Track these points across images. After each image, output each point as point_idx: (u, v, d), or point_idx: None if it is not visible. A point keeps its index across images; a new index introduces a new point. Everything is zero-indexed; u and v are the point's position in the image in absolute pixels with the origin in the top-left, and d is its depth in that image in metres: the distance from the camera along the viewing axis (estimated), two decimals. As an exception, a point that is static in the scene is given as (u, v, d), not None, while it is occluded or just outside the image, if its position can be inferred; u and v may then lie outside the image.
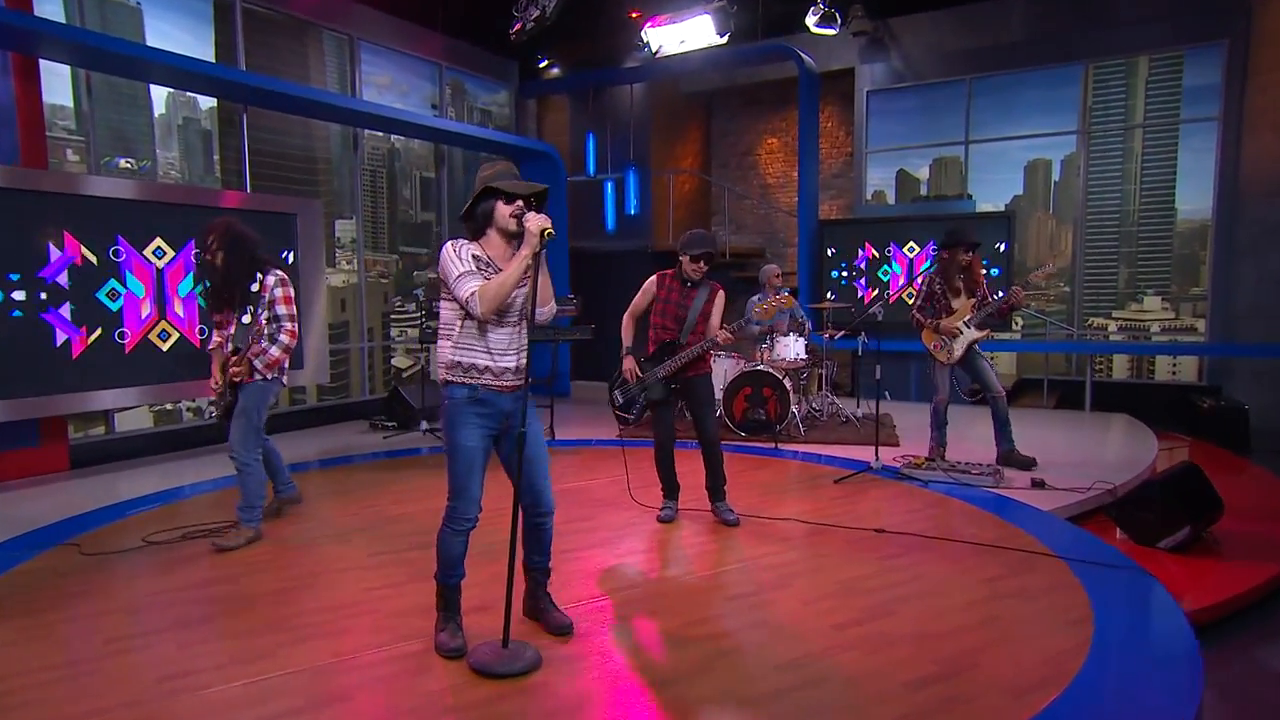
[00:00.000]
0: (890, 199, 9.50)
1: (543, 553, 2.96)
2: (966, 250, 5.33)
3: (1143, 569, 3.51)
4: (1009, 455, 5.37)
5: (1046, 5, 8.48)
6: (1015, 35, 8.65)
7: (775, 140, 11.13)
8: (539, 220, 2.62)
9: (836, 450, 6.06)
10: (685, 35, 8.29)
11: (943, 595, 3.26)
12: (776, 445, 6.17)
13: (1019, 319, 8.79)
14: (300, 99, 6.92)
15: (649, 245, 10.07)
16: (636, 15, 8.56)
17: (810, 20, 8.12)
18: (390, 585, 3.40)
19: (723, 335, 4.11)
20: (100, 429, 6.13)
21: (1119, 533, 4.16)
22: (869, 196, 9.59)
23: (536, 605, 2.99)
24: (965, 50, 8.89)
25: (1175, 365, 8.29)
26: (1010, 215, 8.39)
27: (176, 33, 6.53)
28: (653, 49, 8.49)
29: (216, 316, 4.05)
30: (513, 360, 2.77)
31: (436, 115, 8.88)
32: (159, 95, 6.49)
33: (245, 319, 3.92)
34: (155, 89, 6.43)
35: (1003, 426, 5.39)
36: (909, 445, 6.08)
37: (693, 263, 4.14)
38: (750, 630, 2.97)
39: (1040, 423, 7.14)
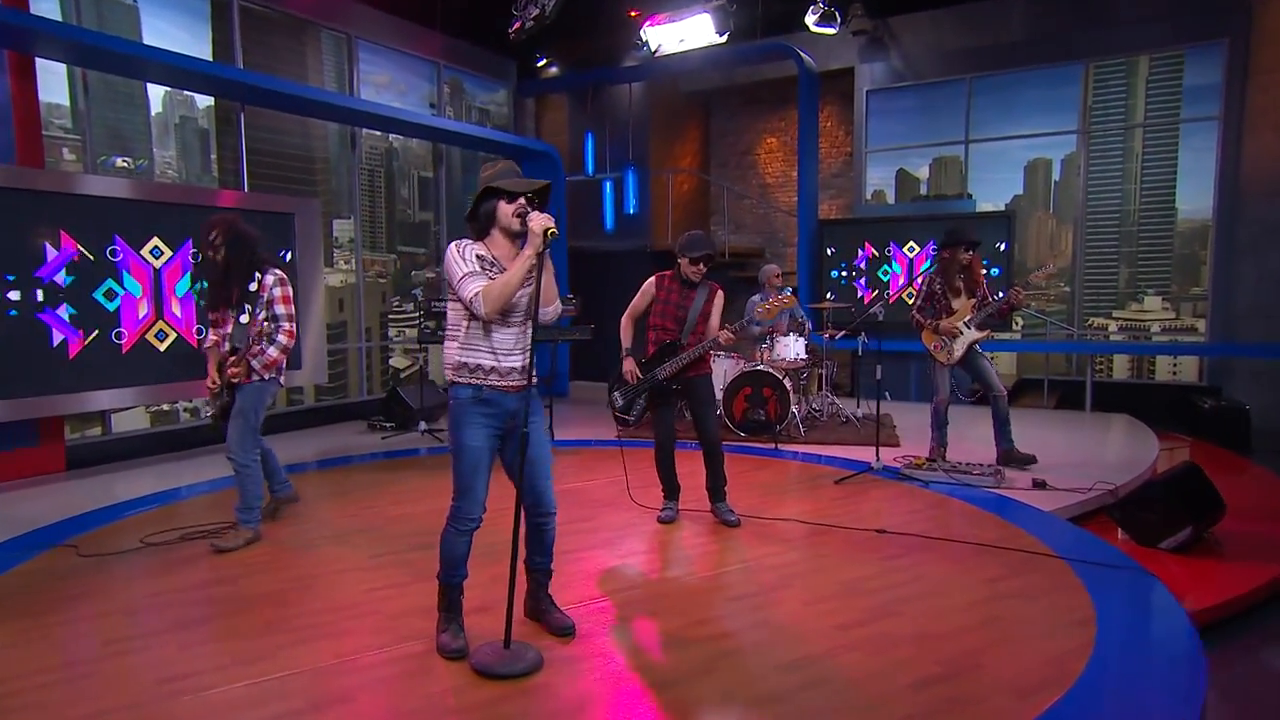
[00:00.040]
0: (890, 199, 9.49)
1: (544, 553, 2.95)
2: (966, 249, 5.32)
3: (1145, 569, 3.50)
4: (1009, 454, 5.36)
5: (1047, 4, 8.47)
6: (1015, 34, 8.65)
7: (774, 140, 11.11)
8: (542, 220, 2.61)
9: (836, 451, 6.05)
10: (684, 34, 8.28)
11: (945, 596, 3.25)
12: (776, 446, 6.16)
13: (1019, 319, 8.78)
14: (298, 98, 6.91)
15: (648, 245, 10.05)
16: (636, 14, 8.54)
17: (810, 19, 8.10)
18: (391, 586, 3.39)
19: (725, 335, 4.11)
20: (97, 430, 6.10)
21: (1120, 533, 4.16)
22: (869, 196, 9.58)
23: (538, 606, 2.98)
24: (965, 49, 8.88)
25: (1176, 365, 8.29)
26: (1010, 215, 8.39)
27: (173, 31, 6.51)
28: (652, 48, 8.48)
29: (213, 315, 4.03)
30: (518, 360, 2.76)
31: (435, 114, 8.85)
32: (156, 94, 6.47)
33: (243, 318, 3.89)
34: (152, 88, 6.40)
35: (1003, 426, 5.38)
36: (909, 446, 6.07)
37: (692, 265, 4.14)
38: (752, 631, 2.96)
39: (1041, 423, 7.13)
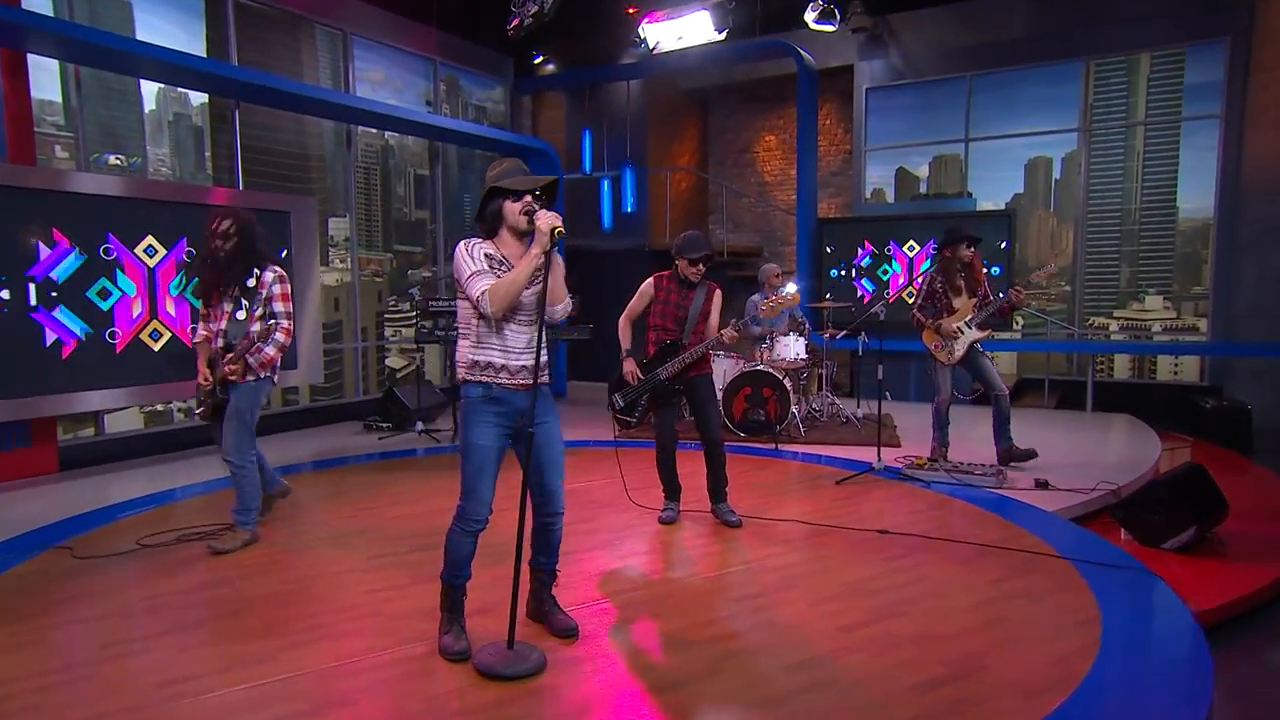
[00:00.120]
0: (890, 197, 9.47)
1: (550, 554, 2.93)
2: (967, 245, 5.29)
3: (1149, 570, 3.48)
4: (1008, 452, 5.35)
5: (1047, 2, 8.45)
6: (1016, 32, 8.63)
7: (773, 138, 11.08)
8: (549, 218, 2.58)
9: (837, 451, 6.03)
10: (683, 31, 8.27)
11: (948, 596, 3.24)
12: (777, 446, 6.13)
13: (1020, 318, 8.77)
14: (293, 95, 6.85)
15: (646, 244, 10.01)
16: (634, 11, 8.51)
17: (809, 16, 8.08)
18: (391, 588, 3.36)
19: (727, 334, 4.09)
20: (90, 430, 6.05)
21: (1123, 534, 4.14)
22: (868, 194, 9.56)
23: (541, 607, 2.96)
24: (965, 47, 8.85)
25: (1177, 365, 8.28)
26: (1011, 214, 8.37)
27: (167, 27, 6.46)
28: (650, 45, 8.46)
29: (205, 309, 3.97)
30: (529, 359, 2.73)
31: (431, 112, 8.81)
32: (149, 91, 6.42)
33: (240, 314, 3.84)
34: (146, 84, 6.35)
35: (1003, 425, 5.36)
36: (910, 446, 6.05)
37: (691, 265, 4.12)
38: (756, 632, 2.94)
39: (1042, 423, 7.12)
